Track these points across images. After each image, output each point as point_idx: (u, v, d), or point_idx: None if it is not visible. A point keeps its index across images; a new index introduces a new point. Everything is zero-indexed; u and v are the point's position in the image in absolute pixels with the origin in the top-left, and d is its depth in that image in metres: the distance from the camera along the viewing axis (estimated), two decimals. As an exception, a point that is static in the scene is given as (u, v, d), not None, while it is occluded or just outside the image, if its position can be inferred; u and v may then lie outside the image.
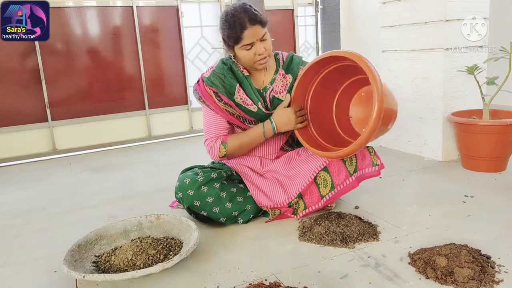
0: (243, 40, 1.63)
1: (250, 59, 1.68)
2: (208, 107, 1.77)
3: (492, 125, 2.17)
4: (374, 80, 1.49)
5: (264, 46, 1.66)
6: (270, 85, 1.80)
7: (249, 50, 1.66)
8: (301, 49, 4.69)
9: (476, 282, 1.18)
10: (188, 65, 4.02)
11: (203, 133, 1.84)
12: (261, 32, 1.64)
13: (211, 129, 1.78)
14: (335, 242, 1.50)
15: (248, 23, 1.61)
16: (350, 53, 1.58)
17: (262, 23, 1.64)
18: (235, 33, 1.62)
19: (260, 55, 1.67)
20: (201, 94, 1.77)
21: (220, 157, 1.76)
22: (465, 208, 1.79)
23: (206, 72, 1.79)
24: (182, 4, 3.89)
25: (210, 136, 1.78)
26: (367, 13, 3.75)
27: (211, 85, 1.74)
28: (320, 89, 1.80)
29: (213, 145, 1.75)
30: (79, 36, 3.54)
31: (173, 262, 1.30)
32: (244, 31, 1.61)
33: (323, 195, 1.72)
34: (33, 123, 3.43)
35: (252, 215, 1.75)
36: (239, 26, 1.61)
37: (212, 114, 1.77)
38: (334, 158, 1.69)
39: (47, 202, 2.27)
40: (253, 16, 1.62)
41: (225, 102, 1.74)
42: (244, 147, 1.77)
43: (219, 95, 1.73)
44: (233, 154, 1.77)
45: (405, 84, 2.68)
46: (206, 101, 1.76)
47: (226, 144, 1.74)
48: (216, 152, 1.75)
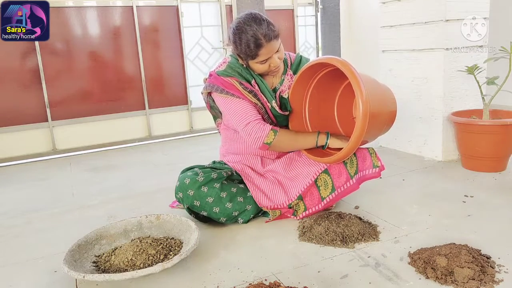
0: (259, 57, 1.63)
1: (264, 70, 1.70)
2: (233, 96, 1.70)
3: (492, 125, 2.17)
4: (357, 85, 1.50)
5: (278, 57, 1.67)
6: (280, 86, 1.81)
7: (264, 63, 1.66)
8: (301, 49, 4.69)
9: (476, 282, 1.18)
10: (188, 65, 4.01)
11: (204, 132, 1.83)
12: (276, 46, 1.64)
13: (248, 113, 1.68)
14: (335, 242, 1.50)
15: (265, 40, 1.59)
16: (331, 59, 1.61)
17: (276, 37, 1.63)
18: (251, 51, 1.61)
19: (275, 66, 1.68)
20: (222, 85, 1.71)
21: (264, 143, 1.66)
22: (465, 208, 1.79)
23: (219, 67, 1.77)
24: (182, 4, 3.89)
25: (253, 119, 1.67)
26: (367, 13, 3.75)
27: (232, 75, 1.72)
28: (317, 92, 1.81)
29: (261, 128, 1.65)
30: (79, 36, 3.54)
31: (173, 262, 1.30)
32: (261, 49, 1.60)
33: (323, 197, 1.72)
34: (33, 123, 3.43)
35: (252, 215, 1.75)
36: (255, 45, 1.59)
37: (241, 101, 1.69)
38: (325, 163, 1.71)
39: (47, 202, 2.27)
40: (268, 32, 1.59)
41: (250, 90, 1.71)
42: (291, 146, 1.73)
43: (242, 83, 1.72)
44: (278, 146, 1.69)
45: (405, 84, 2.68)
46: (230, 90, 1.70)
47: (277, 133, 1.66)
48: (263, 135, 1.65)
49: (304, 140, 1.73)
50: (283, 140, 1.69)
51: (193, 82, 4.02)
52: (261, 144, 1.67)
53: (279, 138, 1.67)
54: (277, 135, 1.67)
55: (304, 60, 1.87)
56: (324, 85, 1.81)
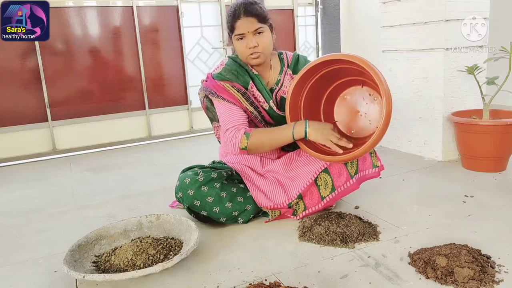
0: (235, 30, 1.69)
1: (242, 52, 1.71)
2: (223, 100, 1.73)
3: (492, 125, 2.17)
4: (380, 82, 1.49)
5: (257, 41, 1.67)
6: (276, 86, 1.81)
7: (241, 41, 1.69)
8: (301, 49, 4.69)
9: (476, 282, 1.18)
10: (188, 65, 4.01)
11: (204, 132, 1.83)
12: (254, 25, 1.66)
13: (230, 119, 1.71)
14: (335, 242, 1.50)
15: (243, 14, 1.66)
16: (352, 56, 1.56)
17: (258, 17, 1.67)
18: (229, 22, 1.70)
19: (251, 48, 1.67)
20: (214, 89, 1.75)
21: (241, 148, 1.68)
22: (465, 208, 1.79)
23: (216, 69, 1.79)
24: (182, 4, 3.89)
25: (231, 126, 1.70)
26: (367, 13, 3.75)
27: (224, 79, 1.74)
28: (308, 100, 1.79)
29: (235, 135, 1.68)
30: (79, 36, 3.53)
31: (173, 262, 1.30)
32: (237, 21, 1.67)
33: (323, 196, 1.72)
34: (33, 123, 3.43)
35: (252, 215, 1.75)
36: (234, 16, 1.68)
37: (229, 105, 1.73)
38: (340, 161, 1.67)
39: (47, 202, 2.27)
40: (249, 9, 1.66)
41: (244, 92, 1.73)
42: (268, 143, 1.70)
43: (235, 86, 1.73)
44: (254, 148, 1.69)
45: (405, 84, 2.69)
46: (221, 94, 1.73)
47: (249, 136, 1.66)
48: (236, 142, 1.67)
49: (281, 134, 1.69)
50: (258, 140, 1.67)
51: (193, 82, 4.02)
52: (238, 150, 1.69)
53: (252, 140, 1.66)
54: (250, 138, 1.66)
55: (301, 59, 1.86)
56: (313, 91, 1.78)
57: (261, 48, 1.69)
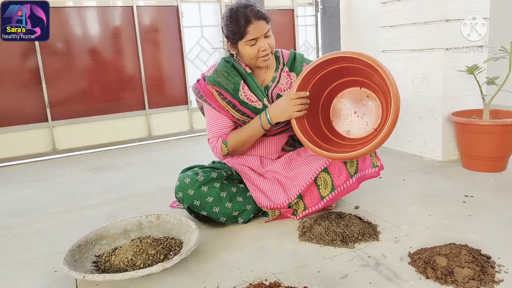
0: (247, 35, 1.64)
1: (253, 56, 1.68)
2: (210, 106, 1.76)
3: (492, 125, 2.17)
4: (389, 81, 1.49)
5: (268, 42, 1.67)
6: (272, 83, 1.80)
7: (253, 46, 1.66)
8: (301, 49, 4.70)
9: (476, 282, 1.18)
10: (188, 65, 4.02)
11: (204, 132, 1.84)
12: (265, 27, 1.65)
13: (213, 128, 1.78)
14: (335, 242, 1.50)
15: (253, 18, 1.62)
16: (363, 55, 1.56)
17: (266, 19, 1.66)
18: (240, 28, 1.63)
19: (264, 51, 1.67)
20: (203, 92, 1.77)
21: (224, 155, 1.77)
22: (465, 208, 1.79)
23: (208, 71, 1.79)
24: (182, 4, 3.89)
25: (213, 135, 1.78)
26: (367, 13, 3.75)
27: (214, 84, 1.74)
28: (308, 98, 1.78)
29: (215, 145, 1.76)
30: (79, 36, 3.54)
31: (173, 262, 1.30)
32: (249, 26, 1.62)
33: (323, 196, 1.72)
34: (33, 123, 3.43)
35: (252, 215, 1.75)
36: (244, 21, 1.62)
37: (215, 113, 1.77)
38: (343, 159, 1.67)
39: (47, 202, 2.28)
40: (257, 12, 1.63)
41: (229, 101, 1.73)
42: (245, 142, 1.76)
43: (222, 94, 1.73)
44: (236, 151, 1.77)
45: (405, 84, 2.68)
46: (208, 99, 1.76)
47: (227, 143, 1.74)
48: (218, 151, 1.76)
49: (251, 128, 1.73)
50: (235, 142, 1.74)
51: (193, 82, 4.01)
52: (223, 158, 1.80)
53: (231, 144, 1.74)
54: (228, 144, 1.74)
55: (298, 56, 1.85)
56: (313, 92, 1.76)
57: (271, 49, 1.70)
